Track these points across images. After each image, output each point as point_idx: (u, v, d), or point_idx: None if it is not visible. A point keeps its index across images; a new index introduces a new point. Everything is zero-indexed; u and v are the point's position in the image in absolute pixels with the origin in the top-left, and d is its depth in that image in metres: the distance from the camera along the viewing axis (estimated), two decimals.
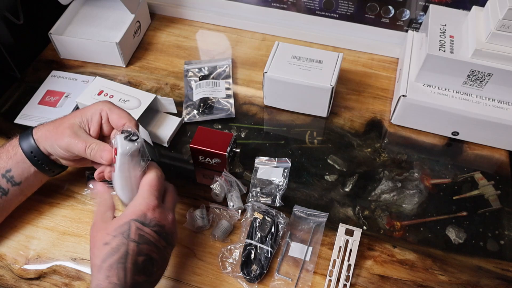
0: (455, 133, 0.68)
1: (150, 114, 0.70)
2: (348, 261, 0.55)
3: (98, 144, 0.52)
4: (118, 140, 0.49)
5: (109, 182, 0.54)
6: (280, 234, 0.58)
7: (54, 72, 0.78)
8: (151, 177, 0.50)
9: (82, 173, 0.64)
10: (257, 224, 0.57)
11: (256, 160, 0.65)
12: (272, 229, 0.57)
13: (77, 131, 0.53)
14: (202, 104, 0.72)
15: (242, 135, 0.70)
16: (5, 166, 0.54)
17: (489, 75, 0.61)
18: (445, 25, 0.66)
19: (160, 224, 0.48)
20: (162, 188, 0.51)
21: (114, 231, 0.46)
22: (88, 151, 0.52)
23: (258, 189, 0.62)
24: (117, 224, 0.47)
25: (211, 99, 0.73)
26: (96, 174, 0.54)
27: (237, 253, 0.57)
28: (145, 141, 0.51)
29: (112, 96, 0.68)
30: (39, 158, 0.54)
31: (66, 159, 0.55)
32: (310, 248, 0.57)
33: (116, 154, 0.49)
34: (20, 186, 0.55)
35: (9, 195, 0.55)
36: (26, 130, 0.55)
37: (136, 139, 0.49)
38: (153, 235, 0.47)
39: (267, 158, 0.65)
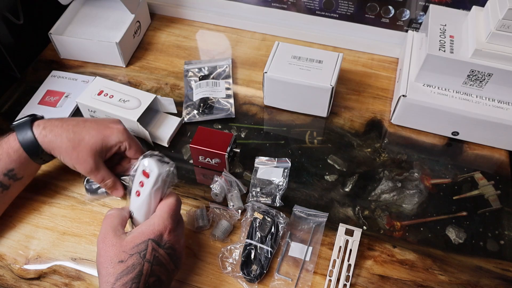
0: (455, 133, 0.68)
1: (150, 114, 0.70)
2: (348, 261, 0.55)
3: (113, 181, 0.59)
4: (153, 163, 0.49)
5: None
6: (280, 234, 0.58)
7: (54, 72, 0.78)
8: (172, 200, 0.50)
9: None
10: (257, 224, 0.57)
11: (256, 160, 0.65)
12: (272, 229, 0.57)
13: (98, 163, 0.57)
14: (202, 104, 0.72)
15: (242, 135, 0.70)
16: (7, 167, 0.54)
17: (489, 75, 0.61)
18: (445, 25, 0.66)
19: (173, 247, 0.49)
20: (179, 213, 0.52)
21: (131, 249, 0.46)
22: (102, 184, 0.59)
23: (258, 189, 0.62)
24: (134, 243, 0.46)
25: (211, 99, 0.73)
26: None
27: (237, 253, 0.57)
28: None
29: (112, 96, 0.68)
30: (44, 159, 0.57)
31: None
32: (310, 248, 0.57)
33: (147, 177, 0.49)
34: (21, 180, 0.57)
35: (11, 189, 0.56)
36: (23, 130, 0.54)
37: (168, 162, 0.50)
38: (165, 257, 0.48)
39: (267, 158, 0.65)
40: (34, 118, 0.56)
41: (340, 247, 0.56)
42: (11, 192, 0.57)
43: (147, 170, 0.49)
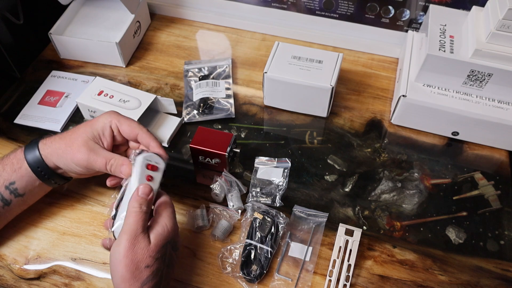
0: (455, 133, 0.68)
1: (150, 114, 0.70)
2: (348, 261, 0.55)
3: (117, 159, 0.53)
4: (155, 156, 0.52)
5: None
6: (280, 234, 0.58)
7: (54, 72, 0.78)
8: (169, 201, 0.51)
9: None
10: (257, 224, 0.57)
11: (256, 160, 0.65)
12: (272, 229, 0.57)
13: (94, 147, 0.53)
14: (202, 104, 0.72)
15: (242, 135, 0.70)
16: (9, 178, 0.53)
17: (489, 75, 0.61)
18: (445, 25, 0.66)
19: (178, 248, 0.50)
20: None
21: (156, 254, 0.46)
22: (108, 167, 0.53)
23: (258, 189, 0.62)
24: (158, 247, 0.46)
25: (211, 99, 0.73)
26: (108, 181, 0.56)
27: (237, 253, 0.57)
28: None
29: (112, 96, 0.68)
30: (45, 173, 0.54)
31: (78, 174, 0.56)
32: (310, 248, 0.57)
33: (155, 170, 0.51)
34: (23, 197, 0.55)
35: (12, 205, 0.55)
36: (31, 143, 0.54)
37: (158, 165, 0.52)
38: (175, 259, 0.49)
39: (267, 158, 0.65)
40: (44, 137, 0.56)
41: (340, 247, 0.56)
42: (12, 209, 0.55)
43: (153, 163, 0.50)
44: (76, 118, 0.72)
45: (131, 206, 0.48)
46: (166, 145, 0.68)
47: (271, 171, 0.64)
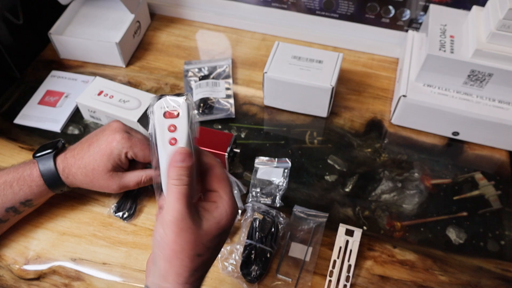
0: (455, 133, 0.68)
1: None
2: (348, 261, 0.55)
3: (148, 173, 0.57)
4: (171, 98, 0.39)
5: None
6: (280, 234, 0.57)
7: (53, 72, 0.78)
8: (224, 173, 0.42)
9: None
10: (257, 224, 0.57)
11: (256, 160, 0.65)
12: (272, 229, 0.57)
13: (119, 175, 0.56)
14: (202, 104, 0.72)
15: (242, 135, 0.70)
16: (27, 197, 0.54)
17: (490, 75, 0.61)
18: (445, 25, 0.66)
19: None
20: None
21: (208, 242, 0.39)
22: (142, 183, 0.57)
23: (258, 190, 0.62)
24: (211, 235, 0.39)
25: (211, 99, 0.73)
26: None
27: (237, 253, 0.56)
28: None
29: (112, 96, 0.68)
30: (64, 191, 0.57)
31: None
32: (310, 249, 0.57)
33: (175, 116, 0.39)
34: (35, 206, 0.57)
35: (22, 213, 0.57)
36: (47, 165, 0.54)
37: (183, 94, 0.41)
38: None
39: (267, 158, 0.65)
40: (56, 151, 0.55)
41: (340, 247, 0.56)
42: (21, 215, 0.57)
43: (170, 109, 0.39)
44: (76, 118, 0.72)
45: (169, 178, 0.39)
46: None
47: (271, 171, 0.64)
